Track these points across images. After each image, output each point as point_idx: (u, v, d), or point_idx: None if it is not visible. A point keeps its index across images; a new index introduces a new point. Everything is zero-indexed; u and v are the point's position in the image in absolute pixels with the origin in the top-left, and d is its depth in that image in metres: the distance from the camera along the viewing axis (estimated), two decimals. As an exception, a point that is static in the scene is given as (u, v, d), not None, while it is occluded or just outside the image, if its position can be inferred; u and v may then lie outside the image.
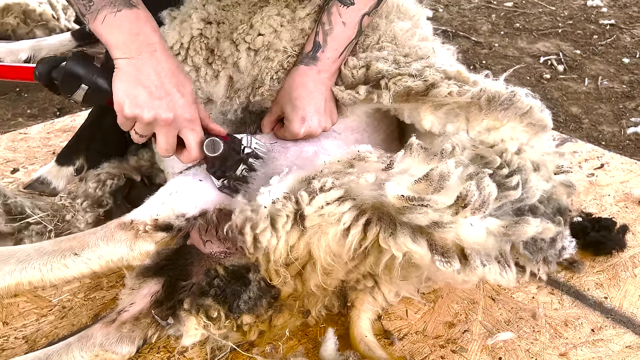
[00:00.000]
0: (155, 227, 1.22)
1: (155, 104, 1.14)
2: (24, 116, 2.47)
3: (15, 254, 1.20)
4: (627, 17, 3.60)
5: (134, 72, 1.14)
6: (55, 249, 1.21)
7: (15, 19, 3.08)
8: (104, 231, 1.23)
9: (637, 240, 1.63)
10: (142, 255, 1.23)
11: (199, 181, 1.31)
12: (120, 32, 1.12)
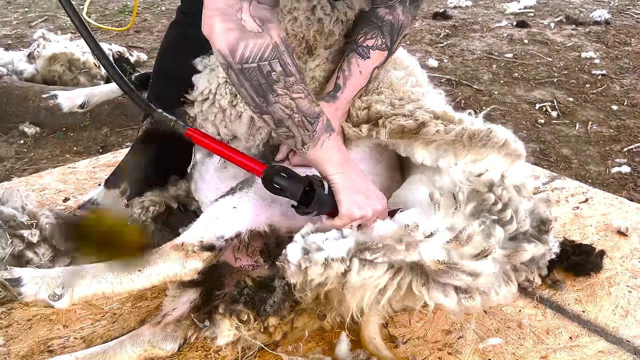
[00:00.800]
0: (201, 247, 1.44)
1: (371, 202, 1.36)
2: (70, 153, 2.74)
3: (91, 271, 1.41)
4: (617, 68, 3.86)
5: (349, 183, 1.35)
6: None
7: (61, 66, 3.39)
8: (161, 252, 1.45)
9: (613, 264, 1.84)
10: (192, 272, 1.46)
11: (234, 208, 1.53)
12: (335, 152, 1.35)
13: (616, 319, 1.61)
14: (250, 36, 1.17)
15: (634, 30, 4.64)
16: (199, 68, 1.73)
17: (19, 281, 1.33)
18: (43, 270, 1.40)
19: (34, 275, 1.35)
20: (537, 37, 4.52)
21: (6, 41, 4.63)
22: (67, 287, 1.37)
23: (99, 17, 5.42)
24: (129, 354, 1.46)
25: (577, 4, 5.46)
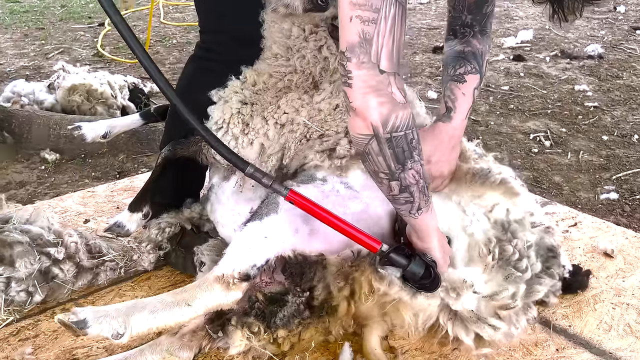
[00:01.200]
0: (240, 279, 1.57)
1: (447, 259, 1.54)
2: (89, 178, 2.90)
3: (147, 307, 1.52)
4: (609, 100, 4.03)
5: (440, 245, 1.51)
6: (173, 301, 1.55)
7: (80, 97, 3.55)
8: (205, 284, 1.57)
9: (599, 283, 1.96)
10: (234, 302, 1.58)
11: (265, 237, 1.63)
12: (431, 222, 1.47)
13: (600, 332, 1.73)
14: (400, 107, 1.26)
15: (626, 64, 4.82)
16: (214, 99, 1.90)
17: (85, 323, 1.42)
18: (104, 309, 1.50)
19: (96, 315, 1.45)
20: (533, 71, 4.71)
21: (24, 72, 4.84)
22: (127, 325, 1.47)
23: (112, 49, 5.64)
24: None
25: (572, 38, 5.67)
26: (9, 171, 2.96)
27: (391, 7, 1.19)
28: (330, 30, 1.71)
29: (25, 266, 1.84)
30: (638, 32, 5.79)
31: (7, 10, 7.59)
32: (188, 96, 2.04)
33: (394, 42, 1.21)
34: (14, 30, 6.47)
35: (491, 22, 1.78)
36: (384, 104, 1.24)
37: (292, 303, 1.58)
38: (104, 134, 2.20)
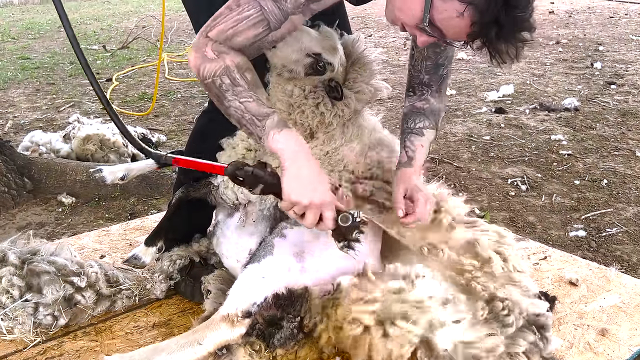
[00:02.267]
0: (243, 316, 1.79)
1: (310, 194, 1.56)
2: (103, 219, 3.14)
3: (165, 349, 1.76)
4: (582, 148, 4.34)
5: (295, 172, 1.58)
6: (186, 342, 1.78)
7: (94, 146, 3.80)
8: (213, 325, 1.79)
9: (564, 307, 2.17)
10: (238, 337, 1.78)
11: (263, 278, 1.85)
12: (284, 144, 1.58)
13: (563, 349, 1.94)
14: (208, 61, 1.57)
15: (600, 116, 5.17)
16: (224, 146, 2.15)
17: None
18: (128, 355, 1.77)
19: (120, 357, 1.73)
20: (513, 122, 5.05)
21: (38, 124, 5.14)
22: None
23: (120, 103, 5.98)
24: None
25: (550, 92, 6.05)
26: (29, 213, 3.20)
27: (249, 10, 1.54)
28: (327, 91, 1.94)
29: (52, 293, 2.03)
30: (612, 87, 6.16)
31: (19, 66, 7.99)
32: (200, 143, 2.32)
33: (233, 27, 1.55)
34: (26, 85, 6.82)
35: (447, 83, 2.02)
36: (197, 57, 1.58)
37: (286, 328, 1.77)
38: (122, 176, 2.41)
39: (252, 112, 1.60)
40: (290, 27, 1.62)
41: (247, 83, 1.59)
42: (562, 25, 10.83)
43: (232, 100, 1.60)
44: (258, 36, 1.58)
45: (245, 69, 1.60)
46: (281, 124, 1.61)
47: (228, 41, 1.57)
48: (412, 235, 1.89)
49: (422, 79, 1.97)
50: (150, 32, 10.30)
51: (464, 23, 1.45)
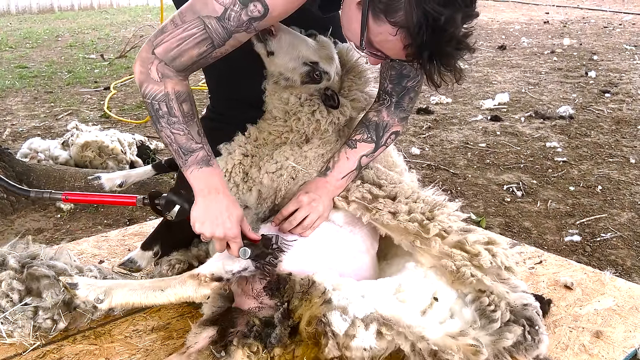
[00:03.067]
0: (212, 278, 1.85)
1: (213, 228, 1.72)
2: (102, 225, 3.15)
3: (128, 285, 1.86)
4: (577, 155, 4.38)
5: (204, 206, 1.72)
6: (150, 286, 1.87)
7: (92, 152, 3.82)
8: (181, 278, 1.88)
9: (559, 310, 2.19)
10: (202, 297, 1.86)
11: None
12: (200, 181, 1.72)
13: (558, 351, 1.96)
14: (151, 82, 1.63)
15: (594, 123, 5.22)
16: (222, 152, 2.18)
17: (76, 286, 1.81)
18: (93, 280, 1.87)
19: (87, 282, 1.83)
20: (509, 130, 5.09)
21: (36, 132, 5.15)
22: (107, 295, 1.81)
23: (118, 111, 6.01)
24: (160, 376, 1.81)
25: (545, 101, 6.11)
26: (28, 219, 3.21)
27: (192, 28, 1.57)
28: (323, 99, 1.98)
29: (51, 297, 2.03)
30: (607, 95, 6.23)
31: (17, 75, 8.01)
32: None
33: (177, 46, 1.59)
34: (24, 94, 6.84)
35: (411, 97, 1.98)
36: (142, 73, 1.63)
37: (278, 320, 1.80)
38: (120, 183, 2.43)
39: (180, 144, 1.70)
40: (235, 43, 1.65)
41: (182, 115, 1.67)
42: (557, 35, 10.93)
43: (165, 128, 1.69)
44: (202, 55, 1.62)
45: (183, 100, 1.67)
46: (203, 162, 1.72)
47: (173, 62, 1.61)
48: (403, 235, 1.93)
49: (385, 87, 1.98)
50: (148, 42, 10.33)
51: (399, 45, 1.48)
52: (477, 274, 1.82)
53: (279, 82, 1.98)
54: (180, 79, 1.66)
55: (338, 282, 1.82)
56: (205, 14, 1.56)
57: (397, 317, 1.72)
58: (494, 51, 9.38)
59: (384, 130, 1.98)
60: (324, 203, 1.94)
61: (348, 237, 2.03)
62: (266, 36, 1.84)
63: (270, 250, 1.84)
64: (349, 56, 2.10)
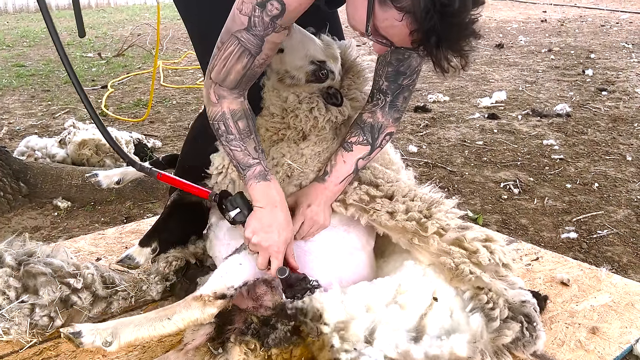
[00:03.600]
0: (215, 297, 1.84)
1: (262, 236, 1.79)
2: (99, 223, 3.15)
3: (133, 321, 1.82)
4: (574, 153, 4.39)
5: (260, 216, 1.81)
6: (156, 317, 1.83)
7: (89, 150, 3.81)
8: (184, 303, 1.85)
9: (555, 307, 2.20)
10: (209, 317, 1.85)
11: (240, 264, 1.92)
12: (258, 193, 1.82)
13: (554, 347, 1.97)
14: (211, 104, 1.80)
15: (591, 121, 5.23)
16: (219, 148, 2.19)
17: (80, 334, 1.73)
18: (95, 325, 1.79)
19: (89, 328, 1.76)
20: (506, 127, 5.10)
21: (33, 130, 5.13)
22: (114, 336, 1.76)
23: (116, 109, 5.99)
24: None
25: (543, 99, 6.12)
26: (25, 217, 3.21)
27: (230, 46, 1.69)
28: (325, 97, 1.99)
29: (48, 294, 2.03)
30: (604, 93, 6.23)
31: (14, 73, 7.99)
32: (196, 145, 2.34)
33: (224, 66, 1.72)
34: (21, 93, 6.82)
35: (405, 96, 1.97)
36: (205, 98, 1.82)
37: (281, 330, 1.79)
38: (117, 180, 2.44)
39: (238, 160, 1.84)
40: (270, 46, 1.72)
41: (238, 132, 1.81)
42: (554, 34, 10.94)
43: (225, 145, 1.84)
44: (246, 67, 1.72)
45: (239, 118, 1.80)
46: (260, 176, 1.83)
47: (224, 82, 1.75)
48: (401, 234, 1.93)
49: (380, 85, 1.97)
50: (145, 40, 10.34)
51: (405, 31, 1.48)
52: (476, 271, 1.82)
53: (284, 79, 1.98)
54: (235, 96, 1.79)
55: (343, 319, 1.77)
56: (236, 29, 1.66)
57: (406, 350, 1.71)
58: (492, 49, 9.39)
59: (379, 131, 1.98)
60: (324, 213, 1.96)
61: (343, 236, 2.03)
62: None
63: (307, 288, 1.85)
64: (347, 54, 2.10)
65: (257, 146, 1.84)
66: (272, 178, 1.85)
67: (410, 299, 1.83)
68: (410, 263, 1.91)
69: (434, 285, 1.86)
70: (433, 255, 1.87)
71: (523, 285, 1.95)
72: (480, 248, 1.86)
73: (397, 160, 2.25)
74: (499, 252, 1.89)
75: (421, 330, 1.77)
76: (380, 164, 2.14)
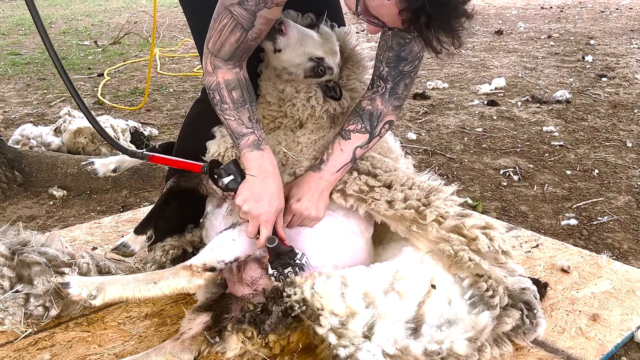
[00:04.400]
0: (204, 269, 1.83)
1: (252, 204, 1.78)
2: (95, 212, 3.12)
3: (120, 280, 1.82)
4: (574, 139, 4.36)
5: (251, 184, 1.79)
6: (143, 279, 1.83)
7: (85, 139, 3.78)
8: (173, 270, 1.85)
9: (556, 294, 2.18)
10: (196, 287, 1.84)
11: (233, 240, 1.90)
12: (251, 162, 1.80)
13: (555, 334, 1.96)
14: (208, 74, 1.81)
15: (591, 108, 5.19)
16: (216, 135, 2.16)
17: (68, 285, 1.77)
18: (85, 278, 1.83)
19: (78, 280, 1.79)
20: (505, 114, 5.06)
21: (28, 119, 5.09)
22: (100, 290, 1.78)
23: (112, 97, 5.94)
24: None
25: (542, 85, 6.07)
26: (20, 206, 3.17)
27: (224, 19, 1.70)
28: (324, 90, 1.96)
29: (43, 284, 2.01)
30: (603, 80, 6.19)
31: (9, 62, 7.93)
32: (192, 132, 2.31)
33: (219, 38, 1.73)
34: (16, 81, 6.77)
35: (406, 83, 1.92)
36: (203, 68, 1.83)
37: (274, 312, 1.77)
38: (114, 168, 2.40)
39: (232, 129, 1.83)
40: (263, 21, 1.71)
41: (232, 101, 1.81)
42: (553, 20, 10.86)
43: (220, 114, 1.84)
44: (240, 40, 1.73)
45: (233, 87, 1.80)
46: (254, 145, 1.82)
47: (219, 53, 1.76)
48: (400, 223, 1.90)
49: (380, 72, 1.92)
50: (142, 28, 10.25)
51: (394, 10, 1.48)
52: (475, 258, 1.80)
53: (282, 75, 1.96)
54: (230, 67, 1.79)
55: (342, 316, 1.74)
56: (229, 2, 1.67)
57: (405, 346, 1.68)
58: (491, 36, 9.32)
59: (378, 119, 1.93)
60: (317, 205, 1.91)
61: (342, 221, 2.01)
62: (276, 35, 1.84)
63: (294, 262, 1.82)
64: (346, 42, 2.05)
65: (252, 116, 1.82)
66: (266, 148, 1.83)
67: (408, 286, 1.81)
68: (409, 249, 1.89)
69: (432, 272, 1.84)
70: (432, 242, 1.85)
71: (523, 272, 1.93)
72: (479, 235, 1.84)
73: (395, 148, 2.21)
74: (499, 240, 1.87)
75: (420, 319, 1.74)
76: (378, 152, 2.11)
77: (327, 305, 1.71)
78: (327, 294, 1.72)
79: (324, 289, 1.73)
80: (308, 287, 1.75)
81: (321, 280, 1.76)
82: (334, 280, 1.77)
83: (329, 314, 1.70)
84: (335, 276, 1.79)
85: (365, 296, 1.75)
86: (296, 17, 2.04)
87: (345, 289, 1.75)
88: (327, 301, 1.71)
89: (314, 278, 1.77)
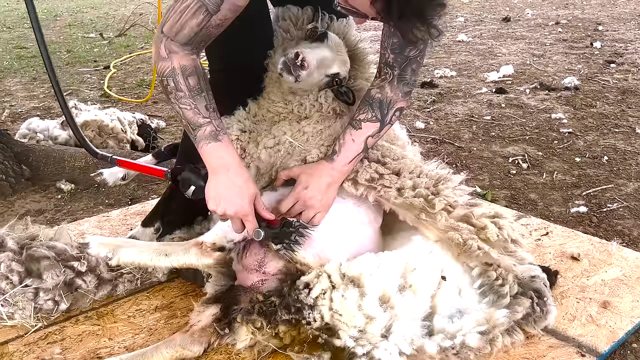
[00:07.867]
0: (214, 249, 1.87)
1: (224, 205, 1.72)
2: (103, 205, 3.12)
3: (137, 245, 1.95)
4: (583, 126, 4.31)
5: (215, 185, 1.73)
6: (157, 249, 1.92)
7: (92, 132, 3.78)
8: (186, 246, 1.91)
9: (566, 281, 2.17)
10: (204, 266, 1.90)
11: None
12: (210, 157, 1.72)
13: (565, 322, 1.95)
14: (161, 59, 1.67)
15: (600, 94, 5.14)
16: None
17: (88, 245, 1.91)
18: (106, 239, 1.98)
19: (99, 241, 1.93)
20: (514, 102, 5.01)
21: (35, 113, 5.10)
22: (115, 252, 1.90)
23: (119, 90, 5.94)
24: (163, 354, 1.79)
25: (550, 72, 6.01)
26: (28, 200, 3.19)
27: (187, 0, 1.62)
28: (336, 94, 1.95)
29: (52, 278, 2.03)
30: (612, 66, 6.12)
31: (15, 55, 7.94)
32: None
33: (178, 20, 1.63)
34: (22, 75, 6.77)
35: (413, 68, 1.87)
36: (155, 52, 1.69)
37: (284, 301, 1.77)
38: (122, 176, 2.45)
39: (188, 119, 1.72)
40: (231, 7, 1.64)
41: (188, 89, 1.68)
42: (561, 6, 10.73)
43: (174, 103, 1.71)
44: (201, 24, 1.63)
45: (189, 74, 1.68)
46: (211, 137, 1.71)
47: (176, 36, 1.65)
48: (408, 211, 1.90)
49: (387, 59, 1.87)
50: (147, 19, 10.22)
51: (366, 1, 1.47)
52: (484, 247, 1.79)
53: (296, 92, 1.97)
54: (187, 52, 1.67)
55: None
56: None
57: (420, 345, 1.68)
58: (498, 23, 9.22)
59: (388, 107, 1.89)
60: (325, 196, 1.88)
61: (352, 209, 1.99)
62: (298, 71, 1.78)
63: (293, 229, 1.79)
64: (348, 39, 2.03)
65: (209, 104, 1.72)
66: (224, 138, 1.75)
67: (420, 279, 1.79)
68: (418, 238, 1.88)
69: (442, 262, 1.83)
70: (440, 231, 1.83)
71: (532, 260, 1.91)
72: (488, 224, 1.83)
73: (402, 136, 2.20)
74: (508, 228, 1.86)
75: (432, 311, 1.74)
76: (385, 140, 2.09)
77: (347, 321, 1.69)
78: (346, 310, 1.70)
79: (343, 306, 1.71)
80: (327, 309, 1.72)
81: (338, 295, 1.72)
82: (350, 293, 1.73)
83: (348, 328, 1.69)
84: (350, 285, 1.75)
85: (382, 299, 1.73)
86: (296, 12, 2.02)
87: (363, 299, 1.72)
88: (347, 318, 1.69)
89: (331, 292, 1.74)
